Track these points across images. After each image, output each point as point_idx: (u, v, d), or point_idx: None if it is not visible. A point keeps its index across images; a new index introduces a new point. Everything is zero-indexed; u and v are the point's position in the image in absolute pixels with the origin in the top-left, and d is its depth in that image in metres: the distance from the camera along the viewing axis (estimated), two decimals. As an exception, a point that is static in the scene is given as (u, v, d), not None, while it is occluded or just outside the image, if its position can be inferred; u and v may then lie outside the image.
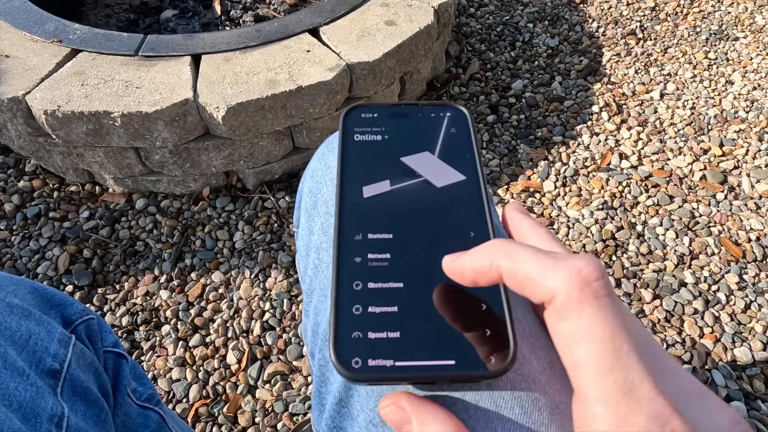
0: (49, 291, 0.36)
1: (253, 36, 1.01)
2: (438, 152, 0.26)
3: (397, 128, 0.27)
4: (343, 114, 0.27)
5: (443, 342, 0.19)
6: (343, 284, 0.21)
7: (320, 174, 0.31)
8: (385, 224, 0.23)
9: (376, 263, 0.21)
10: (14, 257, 0.97)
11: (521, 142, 1.17)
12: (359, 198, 0.24)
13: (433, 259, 0.21)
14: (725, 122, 1.19)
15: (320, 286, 0.28)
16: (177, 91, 0.89)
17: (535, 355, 0.22)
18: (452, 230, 0.23)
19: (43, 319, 0.33)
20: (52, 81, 0.90)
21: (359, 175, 0.25)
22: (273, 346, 0.85)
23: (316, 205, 0.30)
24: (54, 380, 0.31)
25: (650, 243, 0.97)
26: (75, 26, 1.02)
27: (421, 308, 0.20)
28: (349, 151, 0.26)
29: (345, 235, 0.22)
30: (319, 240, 0.29)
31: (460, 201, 0.24)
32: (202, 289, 0.93)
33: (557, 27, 1.48)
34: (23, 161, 1.12)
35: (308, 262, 0.30)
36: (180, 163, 0.98)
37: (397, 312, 0.20)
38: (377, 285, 0.21)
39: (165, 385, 0.81)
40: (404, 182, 0.24)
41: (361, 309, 0.20)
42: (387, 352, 0.19)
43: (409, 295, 0.21)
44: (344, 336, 0.20)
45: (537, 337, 0.23)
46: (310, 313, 0.29)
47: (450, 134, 0.26)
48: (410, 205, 0.23)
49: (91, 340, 0.37)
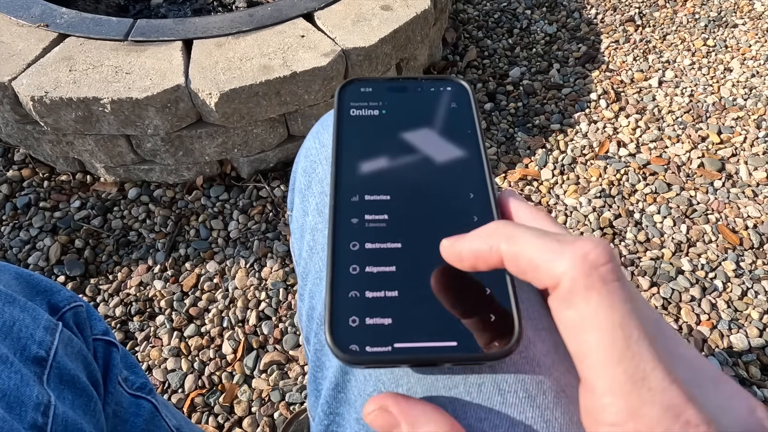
0: (35, 277, 0.35)
1: (246, 21, 0.99)
2: (438, 128, 0.25)
3: (395, 103, 0.25)
4: (339, 88, 0.26)
5: (444, 323, 0.18)
6: (339, 266, 0.20)
7: (315, 153, 0.30)
8: (382, 203, 0.22)
9: (373, 244, 0.20)
10: (4, 248, 0.95)
11: (519, 130, 1.16)
12: (355, 175, 0.22)
13: (434, 239, 0.20)
14: (723, 110, 1.18)
15: (315, 268, 0.27)
16: (168, 76, 0.87)
17: (539, 337, 0.21)
18: (453, 209, 0.22)
19: (28, 306, 0.32)
20: (39, 66, 0.88)
21: (355, 152, 0.23)
22: (269, 335, 0.84)
23: (311, 185, 0.29)
24: (40, 368, 0.30)
25: (648, 231, 0.97)
26: (62, 10, 0.99)
27: (421, 289, 0.19)
28: (344, 127, 0.24)
29: (341, 215, 0.21)
30: (314, 221, 0.27)
31: (462, 179, 0.23)
32: (196, 279, 0.92)
33: (555, 13, 1.46)
34: (12, 150, 1.10)
35: (303, 244, 0.28)
36: (172, 152, 0.97)
37: (395, 293, 0.19)
38: (375, 266, 0.20)
39: (160, 375, 0.81)
40: (402, 159, 0.23)
41: (359, 290, 0.19)
42: (386, 333, 0.18)
43: (409, 276, 0.20)
44: (341, 318, 0.19)
45: (540, 319, 0.22)
46: (305, 297, 0.28)
47: (451, 109, 0.25)
48: (409, 183, 0.22)
49: (80, 328, 0.36)
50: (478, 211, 0.22)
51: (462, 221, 0.21)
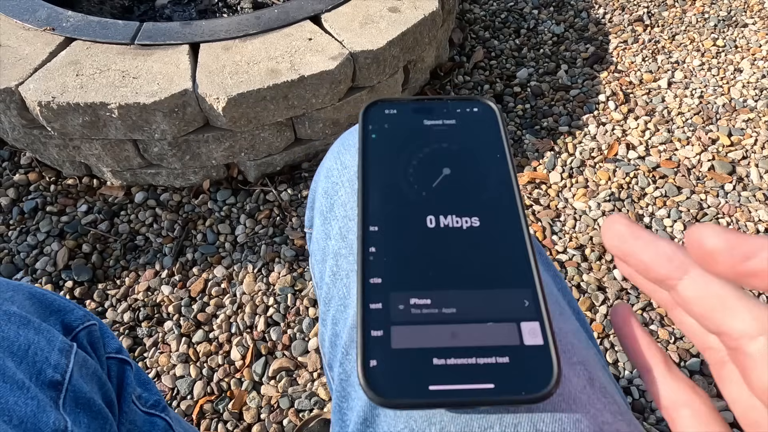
0: (48, 296, 0.35)
1: (253, 23, 0.98)
2: (466, 152, 0.24)
3: (421, 126, 0.25)
4: (363, 109, 0.25)
5: (481, 364, 0.18)
6: (376, 304, 0.19)
7: (336, 174, 0.29)
8: (414, 236, 0.21)
9: (406, 279, 0.20)
10: (12, 252, 0.95)
11: (527, 132, 1.15)
12: (384, 206, 0.22)
13: (467, 274, 0.20)
14: (734, 111, 1.17)
15: (339, 294, 0.26)
16: (175, 81, 0.87)
17: (573, 371, 0.21)
18: (484, 241, 0.21)
19: (42, 327, 0.32)
20: (45, 71, 0.88)
21: (382, 179, 0.23)
22: (277, 341, 0.84)
23: (333, 208, 0.28)
24: (56, 392, 0.30)
25: (658, 235, 0.96)
26: (68, 13, 0.99)
27: (456, 327, 0.19)
28: (370, 152, 0.24)
29: (370, 248, 0.21)
30: (338, 245, 0.27)
31: (493, 207, 0.22)
32: (204, 284, 0.91)
33: (563, 13, 1.44)
34: (18, 154, 1.09)
35: (325, 268, 0.28)
36: (179, 156, 0.96)
37: (430, 332, 0.19)
38: (408, 302, 0.19)
39: (169, 381, 0.80)
40: (431, 189, 0.23)
41: (392, 329, 0.19)
42: (420, 375, 0.18)
43: (443, 314, 0.19)
44: (378, 359, 0.18)
45: (575, 351, 0.21)
46: (328, 323, 0.27)
47: (478, 132, 0.25)
48: (439, 212, 0.22)
49: (94, 347, 0.35)
50: (511, 244, 0.21)
51: (494, 255, 0.21)
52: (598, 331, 0.84)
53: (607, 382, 0.23)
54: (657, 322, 0.85)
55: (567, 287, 0.29)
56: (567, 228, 0.99)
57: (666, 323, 0.85)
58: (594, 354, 0.25)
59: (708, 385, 0.78)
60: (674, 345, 0.82)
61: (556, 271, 0.29)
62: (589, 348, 0.25)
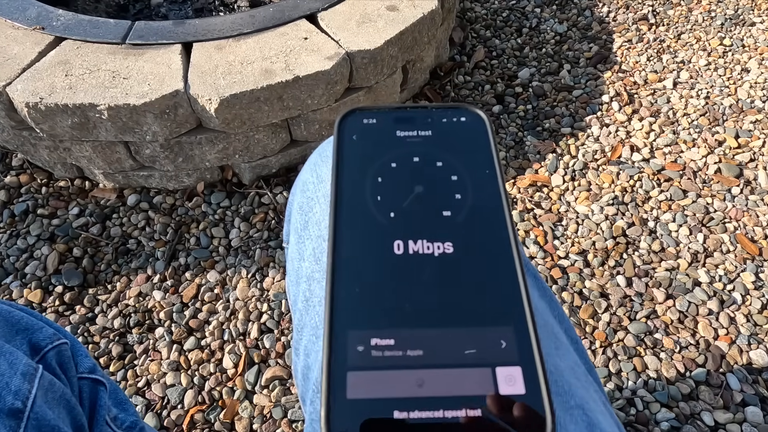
0: (14, 315, 0.33)
1: (248, 22, 0.96)
2: (452, 166, 0.22)
3: (403, 137, 0.23)
4: (338, 119, 0.23)
5: (460, 416, 0.16)
6: (337, 342, 0.17)
7: (312, 188, 0.27)
8: (387, 265, 0.19)
9: (378, 318, 0.18)
10: (1, 256, 0.93)
11: (528, 134, 1.12)
12: (359, 230, 0.20)
13: (441, 310, 0.17)
14: (741, 112, 1.14)
15: (311, 323, 0.24)
16: (167, 81, 0.85)
17: (571, 417, 0.18)
18: (465, 270, 0.19)
19: (5, 349, 0.30)
20: (34, 71, 0.86)
21: (357, 196, 0.21)
22: (271, 349, 0.82)
23: (307, 226, 0.26)
24: (15, 421, 0.27)
25: (663, 240, 0.93)
26: (59, 12, 0.96)
27: (434, 375, 0.16)
28: (344, 167, 0.21)
29: (341, 284, 0.18)
30: (311, 268, 0.25)
31: (478, 231, 0.20)
32: (197, 290, 0.89)
33: (566, 12, 1.42)
34: (9, 155, 1.07)
35: (298, 292, 0.26)
36: (172, 158, 0.94)
37: (405, 380, 0.16)
38: (380, 344, 0.17)
39: (159, 390, 0.78)
40: (410, 208, 0.20)
41: (360, 374, 0.16)
42: (392, 429, 0.15)
43: (420, 359, 0.17)
44: (340, 408, 0.16)
45: (572, 393, 0.19)
46: (301, 353, 0.25)
47: (466, 144, 0.22)
48: (416, 237, 0.19)
49: (63, 368, 0.33)
50: (500, 270, 0.19)
51: (479, 286, 0.18)
52: (601, 339, 0.82)
53: (608, 426, 0.20)
54: (662, 331, 0.82)
55: (564, 314, 0.27)
56: (569, 232, 0.96)
57: (671, 332, 0.83)
58: (594, 392, 0.22)
59: (714, 397, 0.76)
60: (679, 354, 0.80)
61: (552, 297, 0.26)
62: (589, 385, 0.22)
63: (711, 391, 0.76)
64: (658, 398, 0.76)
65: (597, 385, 0.25)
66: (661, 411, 0.75)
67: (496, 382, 0.16)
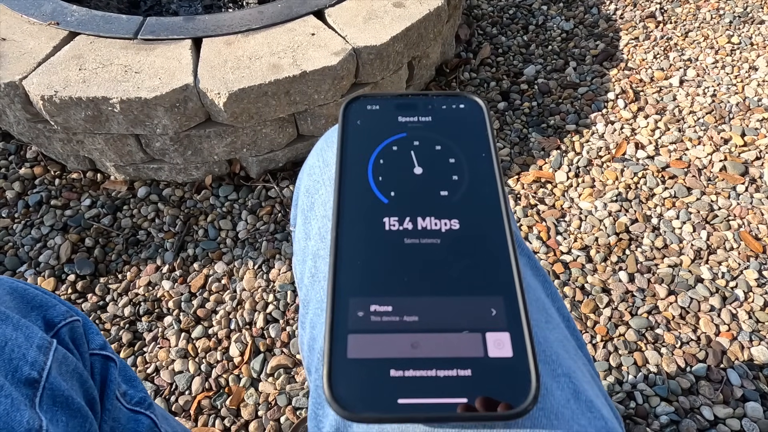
0: (30, 291, 0.34)
1: (256, 18, 0.98)
2: (450, 150, 0.23)
3: (404, 122, 0.24)
4: (344, 105, 0.24)
5: (454, 377, 0.17)
6: (339, 308, 0.18)
7: (318, 172, 0.28)
8: (386, 239, 0.20)
9: (378, 282, 0.19)
10: (16, 245, 0.96)
11: (533, 131, 1.13)
12: (361, 207, 0.21)
13: (437, 280, 0.19)
14: (748, 110, 1.13)
15: (317, 297, 0.25)
16: (177, 76, 0.86)
17: (557, 384, 0.19)
18: (459, 245, 0.20)
19: (21, 323, 0.31)
20: (49, 65, 0.88)
21: (358, 178, 0.22)
22: (276, 338, 0.84)
23: (313, 207, 0.27)
24: (32, 390, 0.29)
25: (666, 237, 0.94)
26: (73, 8, 0.99)
27: (429, 338, 0.18)
28: (349, 148, 0.23)
29: (343, 251, 0.20)
30: (316, 246, 0.26)
31: (473, 209, 0.21)
32: (204, 280, 0.91)
33: (572, 9, 1.42)
34: (24, 147, 1.10)
35: (305, 269, 0.27)
36: (181, 151, 0.96)
37: (401, 342, 0.18)
38: (379, 309, 0.18)
39: (167, 376, 0.80)
40: (411, 187, 0.21)
41: (360, 337, 0.18)
42: (390, 388, 0.17)
43: (416, 324, 0.18)
44: (341, 369, 0.17)
45: (559, 362, 0.20)
46: (307, 326, 0.27)
47: (464, 129, 0.23)
48: (415, 214, 0.21)
49: (76, 344, 0.35)
50: (493, 247, 0.20)
51: (475, 263, 0.19)
52: (602, 333, 0.83)
53: (594, 396, 0.21)
54: (663, 326, 0.83)
55: (557, 293, 0.28)
56: (572, 228, 0.97)
57: (672, 327, 0.83)
58: (582, 365, 0.23)
59: (714, 392, 0.76)
60: (680, 350, 0.80)
61: (546, 277, 0.27)
62: (578, 358, 0.24)
63: (711, 386, 0.77)
64: (658, 392, 0.76)
65: (587, 359, 0.26)
66: (661, 405, 0.75)
67: (486, 345, 0.17)
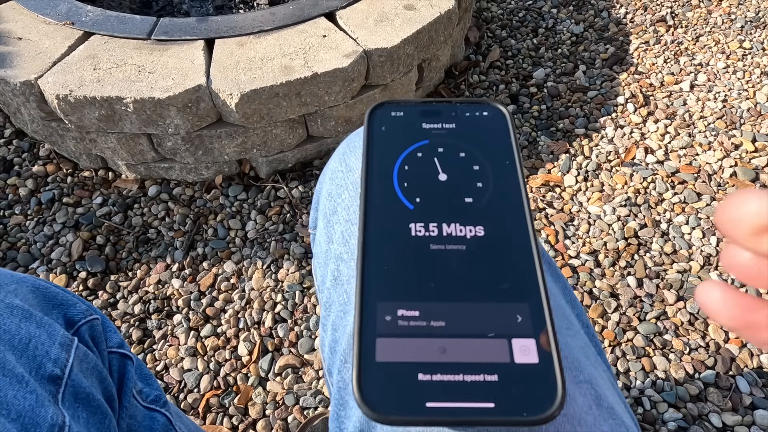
0: (51, 290, 0.35)
1: (268, 19, 0.98)
2: (474, 158, 0.23)
3: (429, 129, 0.24)
4: (369, 111, 0.25)
5: (481, 382, 0.17)
6: (367, 312, 0.19)
7: (341, 176, 0.28)
8: (413, 245, 0.20)
9: (405, 288, 0.19)
10: (29, 242, 0.97)
11: (542, 134, 1.13)
12: (388, 213, 0.21)
13: (463, 286, 0.19)
14: (759, 116, 1.13)
15: (339, 300, 0.26)
16: (190, 76, 0.87)
17: (580, 390, 0.20)
18: (485, 252, 0.20)
19: (44, 321, 0.32)
20: (64, 64, 0.89)
21: (384, 184, 0.22)
22: (284, 338, 0.84)
23: (336, 211, 0.28)
24: (55, 387, 0.30)
25: (675, 242, 0.93)
26: (87, 8, 1.00)
27: (456, 343, 0.18)
28: (375, 154, 0.23)
29: (370, 256, 0.20)
30: (339, 250, 0.26)
31: (498, 216, 0.21)
32: (213, 279, 0.92)
33: (583, 13, 1.42)
34: (37, 145, 1.12)
35: (327, 272, 0.27)
36: (192, 151, 0.97)
37: (429, 346, 0.18)
38: (406, 314, 0.19)
39: (176, 374, 0.81)
40: (436, 194, 0.22)
41: (389, 343, 0.18)
42: (417, 391, 0.17)
43: (443, 329, 0.18)
44: (370, 371, 0.17)
45: (581, 369, 0.21)
46: (328, 328, 0.27)
47: (487, 137, 0.24)
48: (440, 220, 0.21)
49: (95, 342, 0.36)
50: (516, 256, 0.20)
51: (500, 268, 0.20)
52: (610, 338, 0.83)
53: (615, 402, 0.22)
54: (672, 332, 0.83)
55: (576, 299, 0.28)
56: (580, 232, 0.97)
57: (681, 333, 0.83)
58: (603, 371, 0.24)
59: (723, 399, 0.76)
60: (689, 356, 0.80)
61: (566, 283, 0.28)
62: (598, 365, 0.24)
63: (720, 393, 0.76)
64: (666, 398, 0.76)
65: (606, 366, 0.26)
66: (669, 411, 0.75)
67: (512, 351, 0.18)
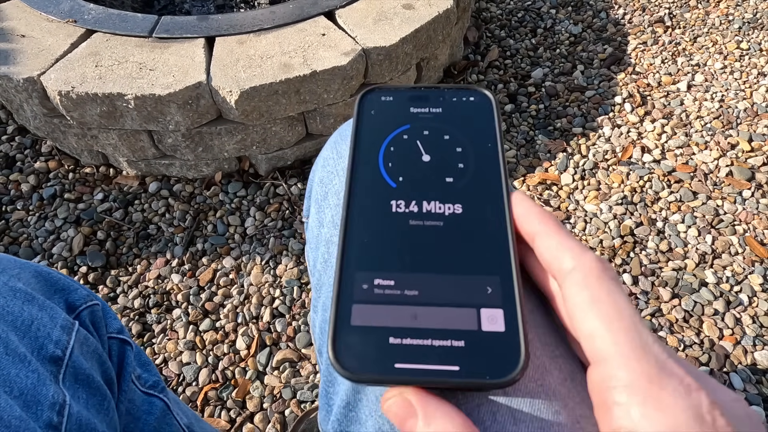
0: (53, 275, 0.36)
1: (268, 18, 0.99)
2: (458, 139, 0.24)
3: (416, 113, 0.25)
4: (359, 97, 0.26)
5: (448, 347, 0.18)
6: (346, 280, 0.20)
7: (332, 163, 0.29)
8: (393, 220, 0.21)
9: (383, 259, 0.20)
10: (30, 237, 0.98)
11: (539, 133, 1.14)
12: (371, 190, 0.22)
13: (438, 259, 0.20)
14: (755, 116, 1.14)
15: (329, 282, 0.27)
16: (190, 73, 0.88)
17: (555, 365, 0.21)
18: (461, 228, 0.21)
19: (46, 305, 0.33)
20: (66, 62, 0.90)
21: (372, 162, 0.23)
22: (282, 333, 0.85)
23: (327, 197, 0.29)
24: (56, 367, 0.31)
25: (671, 240, 0.94)
26: (90, 6, 1.01)
27: (427, 311, 0.19)
28: (363, 136, 0.24)
29: (352, 229, 0.21)
30: (329, 233, 0.27)
31: (477, 195, 0.22)
32: (213, 274, 0.93)
33: (581, 13, 1.43)
34: (39, 142, 1.13)
35: (317, 255, 0.28)
36: (192, 147, 0.98)
37: (400, 311, 0.19)
38: (382, 283, 0.20)
39: (175, 368, 0.82)
40: (420, 174, 0.23)
41: (364, 307, 0.19)
42: (388, 353, 0.18)
43: (416, 297, 0.19)
44: (344, 334, 0.18)
45: (557, 345, 0.21)
46: (319, 309, 0.28)
47: (472, 121, 0.25)
48: (421, 198, 0.22)
49: (96, 327, 0.36)
50: (493, 236, 0.21)
51: (472, 246, 0.21)
52: (605, 335, 0.83)
53: None
54: (666, 329, 0.83)
55: None
56: (577, 230, 0.97)
57: (675, 330, 0.83)
58: None
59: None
60: (683, 353, 0.81)
61: None
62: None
63: (713, 389, 0.77)
64: (660, 394, 0.77)
65: None
66: (662, 406, 0.76)
67: (480, 320, 0.19)
